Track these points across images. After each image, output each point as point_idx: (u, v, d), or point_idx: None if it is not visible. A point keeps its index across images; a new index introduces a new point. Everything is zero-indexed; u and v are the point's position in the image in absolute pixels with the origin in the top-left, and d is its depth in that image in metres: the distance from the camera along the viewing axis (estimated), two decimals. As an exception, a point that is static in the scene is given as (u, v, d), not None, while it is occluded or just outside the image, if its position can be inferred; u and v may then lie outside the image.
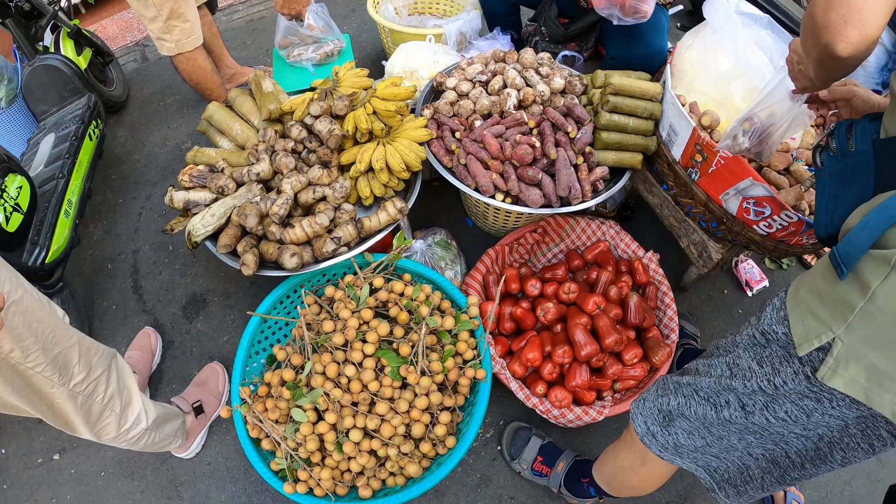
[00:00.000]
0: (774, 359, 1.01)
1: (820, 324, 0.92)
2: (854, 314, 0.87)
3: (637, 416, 1.35)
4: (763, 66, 1.76)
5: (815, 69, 1.01)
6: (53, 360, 1.35)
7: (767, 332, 1.04)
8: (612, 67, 2.32)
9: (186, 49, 2.40)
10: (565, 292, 1.95)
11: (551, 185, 1.87)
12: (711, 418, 1.15)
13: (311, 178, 1.88)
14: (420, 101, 2.18)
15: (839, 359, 0.89)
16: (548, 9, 2.44)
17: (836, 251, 0.91)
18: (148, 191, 2.75)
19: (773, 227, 1.71)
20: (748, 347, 1.08)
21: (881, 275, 0.84)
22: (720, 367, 1.14)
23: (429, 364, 1.61)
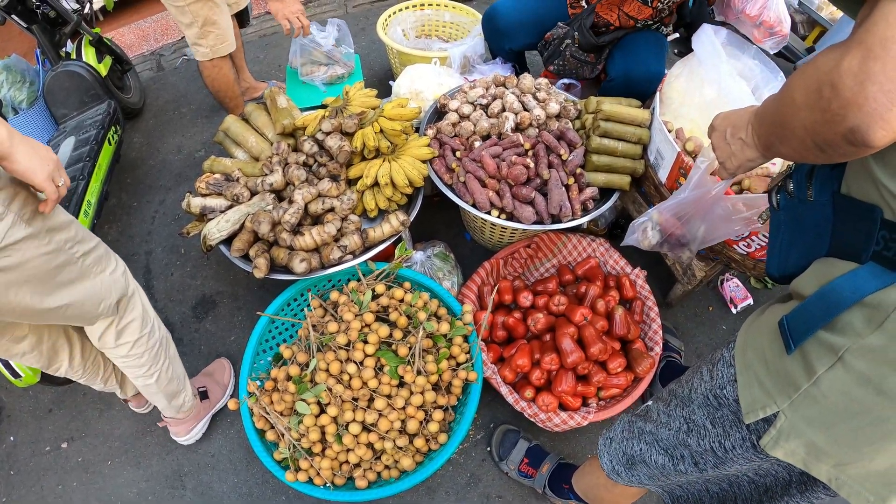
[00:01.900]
0: (726, 422, 1.03)
1: (766, 395, 0.92)
2: (798, 393, 0.87)
3: (604, 455, 1.41)
4: (745, 95, 1.86)
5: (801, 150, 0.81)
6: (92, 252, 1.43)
7: (720, 396, 1.04)
8: (611, 89, 2.44)
9: (220, 54, 2.54)
10: (555, 304, 2.06)
11: (543, 203, 2.00)
12: (669, 468, 1.20)
13: (321, 190, 2.00)
14: (424, 120, 2.30)
15: (781, 432, 0.90)
16: (585, 18, 2.48)
17: (787, 323, 0.89)
18: (162, 195, 2.86)
19: (751, 246, 1.82)
20: (702, 406, 1.09)
21: (827, 363, 0.82)
22: (678, 419, 1.15)
23: (424, 365, 1.72)
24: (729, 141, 1.08)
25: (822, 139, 0.72)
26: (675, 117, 2.02)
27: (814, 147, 0.75)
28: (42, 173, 1.17)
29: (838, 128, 0.67)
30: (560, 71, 2.62)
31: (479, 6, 3.80)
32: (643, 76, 2.36)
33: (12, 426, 2.19)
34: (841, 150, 0.70)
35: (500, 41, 2.71)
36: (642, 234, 1.60)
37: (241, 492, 2.03)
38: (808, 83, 0.71)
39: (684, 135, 1.95)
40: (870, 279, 0.78)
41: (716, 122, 1.14)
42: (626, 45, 2.48)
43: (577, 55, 2.54)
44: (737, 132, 1.05)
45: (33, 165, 1.15)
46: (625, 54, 2.44)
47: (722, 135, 1.10)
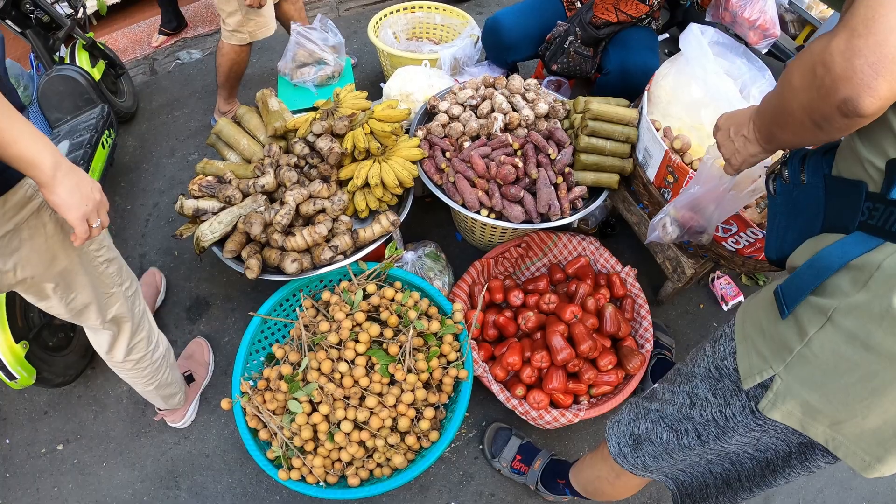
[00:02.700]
0: (727, 391, 1.08)
1: (762, 360, 0.98)
2: (792, 356, 0.92)
3: (611, 437, 1.44)
4: (732, 94, 1.88)
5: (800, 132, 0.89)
6: (115, 261, 1.51)
7: (720, 367, 1.09)
8: (607, 83, 2.48)
9: (258, 38, 2.68)
10: (546, 303, 2.08)
11: (532, 202, 2.02)
12: (673, 444, 1.24)
13: (312, 192, 2.02)
14: (414, 122, 2.32)
15: (778, 394, 0.95)
16: (584, 14, 2.54)
17: (781, 290, 0.95)
18: (155, 199, 2.88)
19: (740, 243, 1.84)
20: (704, 379, 1.14)
21: (818, 323, 0.88)
22: (682, 395, 1.20)
23: (415, 363, 1.74)
24: (733, 138, 1.14)
25: (819, 115, 0.80)
26: (663, 116, 2.04)
27: (812, 125, 0.83)
28: (77, 212, 1.15)
29: (832, 101, 0.75)
30: (564, 69, 2.65)
31: (469, 9, 3.84)
32: (640, 68, 2.41)
33: (8, 428, 2.20)
34: (836, 123, 0.78)
35: (505, 54, 2.75)
36: (662, 229, 1.66)
37: (236, 492, 2.04)
38: (804, 66, 0.79)
39: (672, 133, 1.98)
40: (855, 245, 0.84)
41: (720, 122, 1.20)
42: (622, 40, 2.54)
43: (581, 50, 2.58)
44: (740, 129, 1.12)
45: (71, 202, 1.13)
46: (620, 48, 2.50)
47: (726, 133, 1.16)
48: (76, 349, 2.23)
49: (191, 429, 2.17)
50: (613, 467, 1.49)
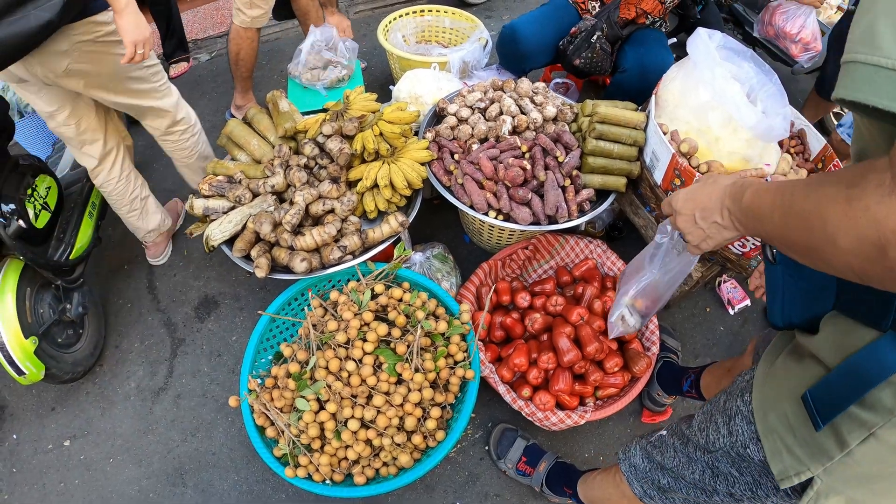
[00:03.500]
0: (754, 471, 1.02)
1: (798, 462, 0.90)
2: (833, 462, 0.85)
3: (633, 482, 1.37)
4: (738, 98, 1.89)
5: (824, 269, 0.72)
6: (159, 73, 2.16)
7: (743, 455, 1.02)
8: (624, 81, 2.53)
9: (256, 25, 2.78)
10: (552, 305, 2.09)
11: (540, 204, 2.03)
12: (703, 500, 1.16)
13: (322, 192, 2.04)
14: (423, 124, 2.33)
15: (820, 492, 0.89)
16: (612, 11, 2.60)
17: (811, 398, 0.85)
18: (166, 198, 2.88)
19: (746, 245, 1.85)
20: (725, 456, 1.07)
21: (859, 436, 0.80)
22: (700, 463, 1.14)
23: (422, 363, 1.75)
24: (700, 224, 1.02)
25: (877, 283, 0.64)
26: (671, 120, 2.05)
27: (853, 278, 0.67)
28: (130, 37, 1.75)
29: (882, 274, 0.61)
30: (586, 64, 2.67)
31: (478, 12, 3.85)
32: (657, 66, 2.45)
33: (15, 424, 2.22)
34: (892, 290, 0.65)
35: (521, 63, 2.78)
36: (623, 323, 1.58)
37: (242, 489, 2.05)
38: (862, 234, 0.61)
39: (679, 137, 1.98)
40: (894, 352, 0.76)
41: (678, 206, 1.07)
42: (638, 40, 2.62)
43: (605, 47, 2.62)
44: (709, 215, 1.00)
45: (129, 29, 1.74)
46: (637, 47, 2.58)
47: (690, 218, 1.04)
48: (85, 346, 2.25)
49: (197, 427, 2.18)
50: (626, 493, 1.43)
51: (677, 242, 1.23)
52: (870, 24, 0.58)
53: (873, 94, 0.57)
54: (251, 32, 2.81)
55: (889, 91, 0.56)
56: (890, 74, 0.56)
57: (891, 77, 0.55)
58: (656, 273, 1.34)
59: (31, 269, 2.05)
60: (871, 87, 0.57)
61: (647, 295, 1.43)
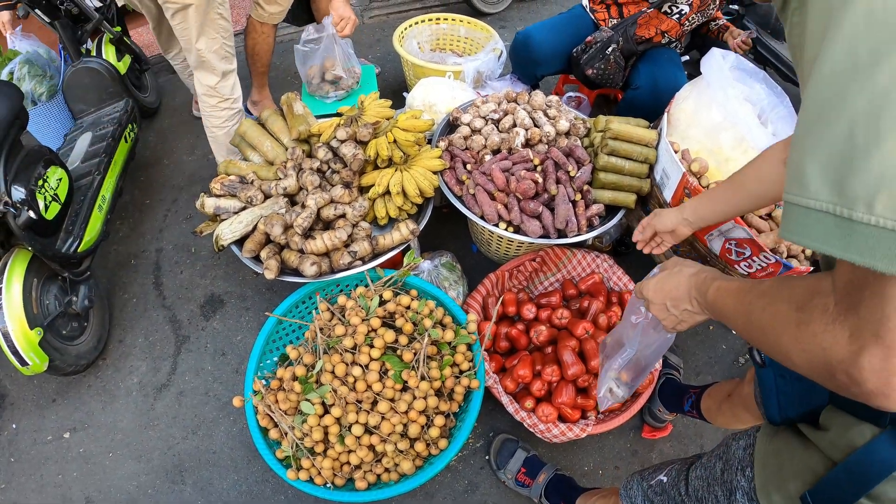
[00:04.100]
0: None
1: None
2: None
3: None
4: (750, 119, 1.91)
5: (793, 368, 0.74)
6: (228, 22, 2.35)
7: None
8: (636, 98, 2.55)
9: (272, 21, 2.81)
10: (558, 317, 2.10)
11: (550, 218, 2.04)
12: None
13: (334, 196, 2.05)
14: (436, 132, 2.34)
15: None
16: (629, 27, 2.62)
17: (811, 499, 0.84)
18: (174, 194, 2.91)
19: (752, 266, 1.86)
20: None
21: None
22: None
23: (428, 371, 1.76)
24: (673, 312, 1.08)
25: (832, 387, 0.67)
26: (682, 138, 2.06)
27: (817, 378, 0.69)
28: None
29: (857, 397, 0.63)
30: (598, 75, 2.70)
31: (492, 22, 3.88)
32: (670, 84, 2.48)
33: (15, 414, 2.22)
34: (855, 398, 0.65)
35: (534, 68, 2.81)
36: (611, 395, 1.57)
37: (241, 489, 2.05)
38: (813, 358, 0.66)
39: (690, 156, 2.00)
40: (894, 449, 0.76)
41: (648, 295, 1.13)
42: (651, 58, 2.65)
43: (619, 61, 2.65)
44: (679, 304, 1.05)
45: None
46: (650, 65, 2.61)
47: (663, 307, 1.09)
48: (89, 339, 2.25)
49: (199, 425, 2.18)
50: None
51: (653, 322, 1.26)
52: (798, 162, 0.59)
53: (806, 237, 0.58)
54: (267, 28, 2.83)
55: (819, 233, 0.56)
56: (818, 216, 0.56)
57: (819, 218, 0.56)
58: (636, 347, 1.37)
59: (39, 260, 2.06)
60: (803, 229, 0.58)
61: (632, 368, 1.46)
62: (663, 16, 2.60)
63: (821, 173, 0.56)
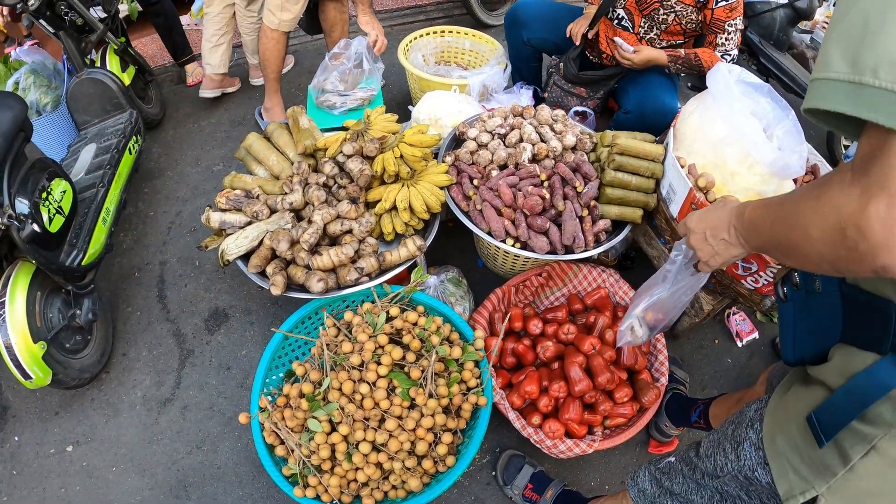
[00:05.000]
0: (762, 493, 1.06)
1: (803, 481, 0.94)
2: (835, 479, 0.89)
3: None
4: (756, 133, 1.91)
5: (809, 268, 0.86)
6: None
7: (751, 479, 1.06)
8: (625, 122, 2.54)
9: (284, 28, 2.86)
10: (564, 333, 2.09)
11: (557, 233, 2.04)
12: None
13: (340, 212, 2.04)
14: (443, 147, 2.34)
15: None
16: (572, 49, 2.67)
17: (816, 418, 0.90)
18: (178, 207, 2.91)
19: (759, 282, 1.85)
20: (733, 480, 1.12)
21: (861, 450, 0.85)
22: (708, 489, 1.18)
23: (436, 388, 1.75)
24: (710, 242, 1.13)
25: (845, 269, 0.74)
26: (689, 153, 2.06)
27: (830, 269, 0.77)
28: None
29: (867, 265, 0.69)
30: (552, 100, 2.83)
31: (497, 34, 3.88)
32: (657, 109, 2.47)
33: (18, 426, 2.21)
34: (863, 275, 0.75)
35: (520, 32, 2.87)
36: (631, 333, 1.63)
37: (246, 505, 2.04)
38: (827, 222, 0.72)
39: (696, 171, 1.99)
40: (893, 372, 0.82)
41: (691, 225, 1.19)
42: (639, 80, 2.60)
43: (560, 84, 2.73)
44: (717, 233, 1.11)
45: None
46: (639, 89, 2.57)
47: (701, 236, 1.15)
48: (93, 353, 2.25)
49: (203, 440, 2.17)
50: None
51: (690, 259, 1.31)
52: (825, 49, 0.72)
53: (822, 101, 0.69)
54: (277, 34, 2.86)
55: (836, 97, 0.68)
56: (836, 84, 0.68)
57: (837, 87, 0.68)
58: (668, 288, 1.42)
59: (43, 273, 2.05)
60: (823, 96, 0.70)
61: (658, 309, 1.50)
62: (619, 28, 2.62)
63: (841, 54, 0.68)
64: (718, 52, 2.44)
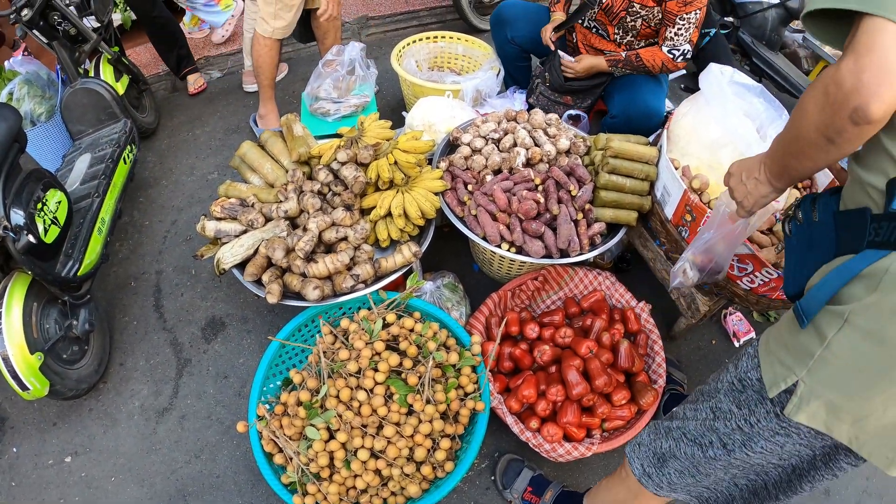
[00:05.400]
0: (750, 402, 1.15)
1: (786, 369, 1.06)
2: (814, 360, 1.01)
3: (634, 460, 1.48)
4: (750, 135, 1.93)
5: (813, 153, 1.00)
6: None
7: (744, 379, 1.17)
8: (613, 126, 2.54)
9: (277, 36, 2.87)
10: (561, 336, 2.09)
11: (552, 237, 2.04)
12: (699, 457, 1.28)
13: (335, 219, 2.04)
14: (437, 153, 2.35)
15: (802, 397, 1.03)
16: (554, 57, 2.67)
17: (800, 305, 1.05)
18: (174, 216, 2.90)
19: (755, 282, 1.86)
20: (728, 393, 1.21)
21: (836, 326, 0.98)
22: (704, 411, 1.27)
23: (433, 394, 1.75)
24: (745, 182, 1.27)
25: (833, 130, 0.91)
26: (682, 155, 2.07)
27: (825, 143, 0.95)
28: None
29: (844, 112, 0.87)
30: (535, 106, 2.82)
31: (490, 39, 3.88)
32: (642, 113, 2.49)
33: (15, 437, 2.20)
34: (847, 133, 0.90)
35: (504, 30, 2.90)
36: (683, 275, 1.71)
37: (246, 514, 2.04)
38: (816, 91, 0.92)
39: (690, 172, 2.00)
40: (865, 259, 0.95)
41: (732, 169, 1.34)
42: (625, 85, 2.62)
43: (546, 94, 2.73)
44: (751, 173, 1.25)
45: None
46: (624, 93, 2.59)
47: (738, 178, 1.30)
48: (90, 363, 2.24)
49: (202, 449, 2.17)
50: (631, 488, 1.52)
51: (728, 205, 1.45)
52: None
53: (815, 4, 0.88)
54: (271, 42, 2.87)
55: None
56: None
57: None
58: (713, 234, 1.57)
59: (39, 284, 2.05)
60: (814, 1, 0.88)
61: (705, 252, 1.63)
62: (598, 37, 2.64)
63: None
64: (666, 46, 2.46)
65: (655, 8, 2.39)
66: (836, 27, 0.92)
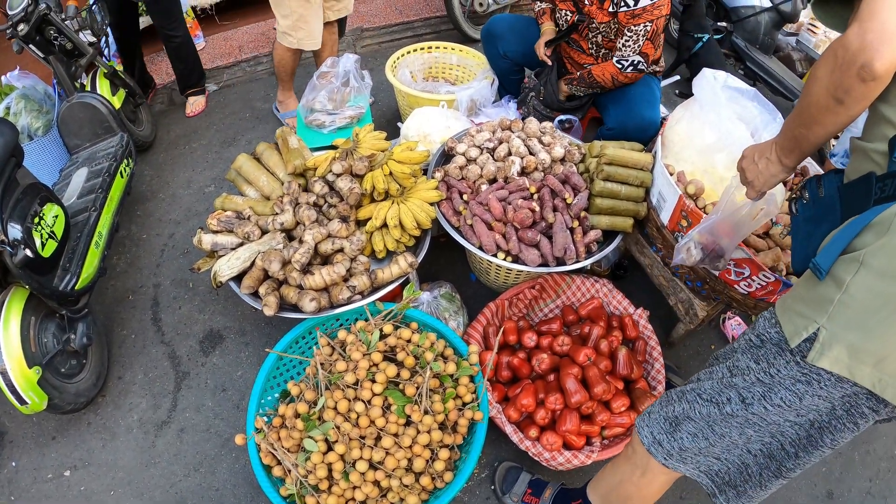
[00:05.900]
0: (769, 355, 1.17)
1: (806, 319, 1.09)
2: (833, 305, 1.05)
3: (643, 429, 1.46)
4: (744, 139, 1.93)
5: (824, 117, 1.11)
6: None
7: (762, 335, 1.20)
8: (609, 137, 2.55)
9: (304, 47, 2.99)
10: (559, 344, 2.08)
11: (548, 246, 2.04)
12: (715, 415, 1.28)
13: (331, 231, 2.05)
14: (432, 163, 2.35)
15: (824, 343, 1.06)
16: (551, 72, 2.69)
17: (815, 261, 1.10)
18: (171, 229, 2.91)
19: (752, 286, 1.86)
20: (745, 350, 1.24)
21: (852, 270, 1.03)
22: (721, 370, 1.29)
23: (431, 404, 1.75)
24: (756, 162, 1.37)
25: (842, 89, 1.03)
26: (677, 161, 2.07)
27: (835, 104, 1.06)
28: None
29: (852, 71, 0.99)
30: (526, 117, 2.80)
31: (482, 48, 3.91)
32: (638, 125, 2.50)
33: (14, 452, 2.20)
34: (855, 91, 1.01)
35: (495, 45, 2.93)
36: (686, 252, 1.74)
37: (245, 527, 2.03)
38: (826, 58, 1.04)
39: (685, 178, 2.00)
40: (873, 212, 1.03)
41: (745, 152, 1.43)
42: (619, 97, 2.63)
43: (539, 108, 2.76)
44: (763, 154, 1.35)
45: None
46: (619, 106, 2.60)
47: (751, 159, 1.39)
48: (88, 377, 2.24)
49: (201, 462, 2.16)
50: (638, 464, 1.50)
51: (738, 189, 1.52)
52: None
53: None
54: (295, 51, 3.04)
55: None
56: None
57: None
58: (720, 215, 1.61)
59: (36, 298, 2.05)
60: None
61: (710, 232, 1.66)
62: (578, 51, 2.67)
63: None
64: (616, 57, 2.48)
65: (611, 21, 2.43)
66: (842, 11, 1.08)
